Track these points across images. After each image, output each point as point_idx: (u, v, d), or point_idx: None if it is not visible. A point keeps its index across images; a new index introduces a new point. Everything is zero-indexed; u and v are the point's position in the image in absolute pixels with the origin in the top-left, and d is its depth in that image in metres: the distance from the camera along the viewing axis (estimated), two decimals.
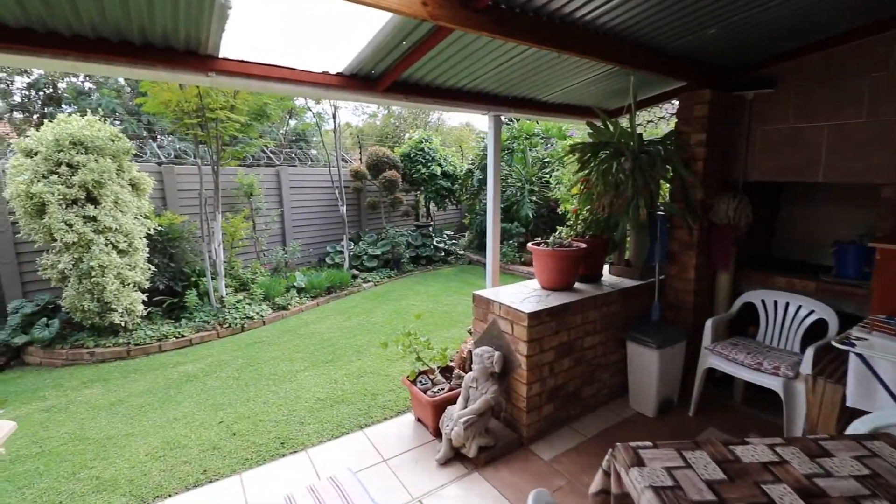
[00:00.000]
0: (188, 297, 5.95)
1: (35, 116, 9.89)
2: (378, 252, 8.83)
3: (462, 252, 10.30)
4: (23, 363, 5.12)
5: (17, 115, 9.96)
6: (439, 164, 10.14)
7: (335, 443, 3.13)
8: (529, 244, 3.41)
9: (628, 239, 3.69)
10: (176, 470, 2.92)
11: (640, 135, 3.15)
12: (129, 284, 5.26)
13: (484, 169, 9.62)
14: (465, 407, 2.88)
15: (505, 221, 9.22)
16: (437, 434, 3.03)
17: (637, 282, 3.53)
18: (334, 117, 8.75)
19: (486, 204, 10.21)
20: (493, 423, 3.03)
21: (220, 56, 2.44)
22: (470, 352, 3.55)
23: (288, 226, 8.71)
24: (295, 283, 7.10)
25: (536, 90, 3.73)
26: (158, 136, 11.56)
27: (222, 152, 6.12)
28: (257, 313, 6.15)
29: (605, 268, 3.76)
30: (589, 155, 2.82)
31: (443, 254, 9.83)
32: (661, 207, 3.46)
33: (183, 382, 4.28)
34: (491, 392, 2.83)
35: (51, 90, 10.19)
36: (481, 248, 10.33)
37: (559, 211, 6.02)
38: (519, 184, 9.06)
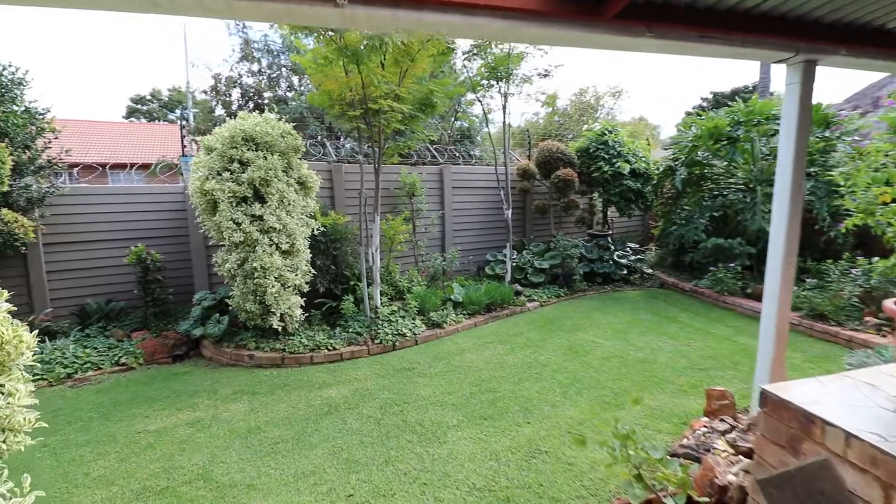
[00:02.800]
0: (344, 304, 5.57)
1: None
2: (545, 265, 7.50)
3: (650, 271, 8.29)
4: (199, 355, 5.28)
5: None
6: (627, 161, 8.28)
7: None
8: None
9: None
10: None
11: None
12: (288, 288, 5.01)
13: (690, 165, 7.47)
14: None
15: (719, 236, 6.95)
16: None
17: None
18: (504, 108, 7.70)
19: (686, 212, 8.02)
20: None
21: None
22: (742, 489, 2.02)
23: (448, 229, 8.00)
24: (451, 297, 6.27)
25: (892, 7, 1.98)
26: (341, 138, 12.23)
27: (385, 148, 5.56)
28: (410, 330, 5.45)
29: None
30: None
31: (624, 271, 7.98)
32: None
33: (323, 415, 3.66)
34: None
35: (258, 99, 11.49)
36: (677, 267, 8.15)
37: (842, 228, 3.85)
38: (743, 185, 6.73)
